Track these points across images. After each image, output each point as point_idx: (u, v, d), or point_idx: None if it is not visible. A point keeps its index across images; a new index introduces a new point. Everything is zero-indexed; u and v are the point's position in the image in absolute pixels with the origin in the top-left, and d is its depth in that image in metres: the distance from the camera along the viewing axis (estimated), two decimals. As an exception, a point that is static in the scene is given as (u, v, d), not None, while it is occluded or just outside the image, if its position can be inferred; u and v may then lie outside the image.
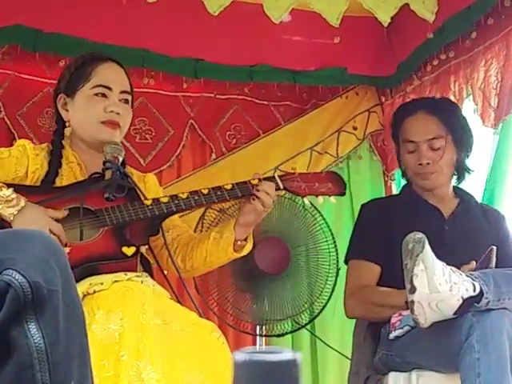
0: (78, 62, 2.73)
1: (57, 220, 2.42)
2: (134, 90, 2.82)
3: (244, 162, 4.15)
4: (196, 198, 2.61)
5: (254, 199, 2.62)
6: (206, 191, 2.63)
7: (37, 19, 3.69)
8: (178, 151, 4.11)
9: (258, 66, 4.17)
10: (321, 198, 2.77)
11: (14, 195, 2.33)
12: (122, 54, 3.58)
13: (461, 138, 3.08)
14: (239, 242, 2.68)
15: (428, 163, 3.02)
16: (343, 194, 2.80)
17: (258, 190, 2.62)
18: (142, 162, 3.98)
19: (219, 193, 2.64)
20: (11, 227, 2.31)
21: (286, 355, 0.97)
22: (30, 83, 3.85)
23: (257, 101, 4.29)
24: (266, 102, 4.30)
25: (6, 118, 3.77)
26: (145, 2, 3.32)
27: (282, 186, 2.70)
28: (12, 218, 2.30)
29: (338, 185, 2.77)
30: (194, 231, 3.32)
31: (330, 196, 2.76)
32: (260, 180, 2.67)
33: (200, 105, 4.18)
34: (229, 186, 2.65)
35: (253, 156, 4.18)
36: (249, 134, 4.25)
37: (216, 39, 4.00)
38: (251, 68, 4.18)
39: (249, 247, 2.72)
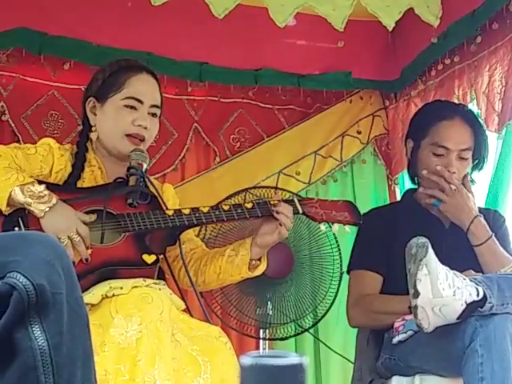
0: (112, 67, 2.72)
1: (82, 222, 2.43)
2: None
3: (248, 165, 4.15)
4: (217, 213, 2.62)
5: (281, 225, 2.63)
6: (226, 207, 2.65)
7: (42, 22, 3.70)
8: (182, 154, 4.11)
9: (262, 69, 4.17)
10: (336, 226, 2.79)
11: (46, 191, 2.34)
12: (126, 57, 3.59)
13: (480, 155, 3.06)
14: (253, 262, 2.69)
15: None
16: (358, 225, 2.85)
17: (277, 213, 2.63)
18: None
19: (240, 210, 2.65)
20: (38, 222, 2.32)
21: (293, 359, 0.97)
22: (35, 86, 3.85)
23: (261, 104, 4.29)
24: (270, 106, 4.31)
25: (10, 120, 3.78)
26: (149, 5, 3.32)
27: (301, 211, 2.72)
28: (42, 215, 2.31)
29: (354, 215, 2.80)
30: (198, 235, 3.32)
31: (345, 225, 2.79)
32: (279, 201, 2.68)
33: (204, 108, 4.18)
34: (249, 205, 2.67)
35: (257, 160, 4.18)
36: (253, 138, 4.25)
37: (220, 43, 4.01)
38: (256, 72, 4.18)
39: (262, 267, 2.73)
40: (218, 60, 4.08)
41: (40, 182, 2.38)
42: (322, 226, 2.88)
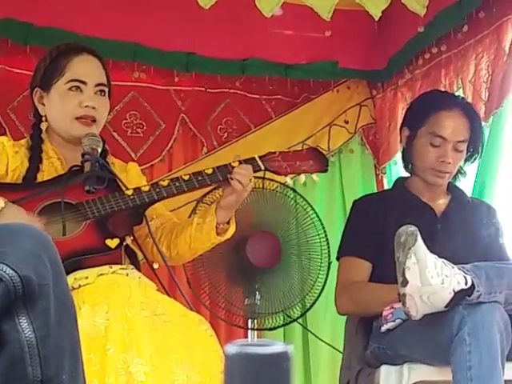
0: (52, 54, 2.69)
1: (39, 215, 2.41)
2: (126, 83, 2.81)
3: (235, 155, 4.14)
4: (177, 184, 2.59)
5: (231, 178, 2.60)
6: (187, 177, 2.61)
7: (28, 13, 3.68)
8: (170, 145, 4.11)
9: (249, 59, 4.17)
10: (303, 177, 2.76)
11: None
12: (114, 48, 3.59)
13: (475, 148, 3.06)
14: (222, 226, 2.65)
15: (449, 163, 3.00)
16: (325, 171, 2.78)
17: (232, 179, 2.60)
18: (133, 155, 3.97)
19: (200, 178, 2.62)
20: None
21: (278, 348, 0.96)
22: (21, 77, 3.82)
23: (248, 95, 4.28)
24: (257, 96, 4.30)
25: (-4, 112, 3.77)
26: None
27: (262, 167, 2.69)
28: None
29: (320, 161, 2.75)
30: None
31: (312, 173, 2.75)
32: (241, 162, 2.67)
33: (191, 99, 4.18)
34: (210, 171, 2.63)
35: (244, 150, 4.16)
36: (240, 128, 4.25)
37: (207, 33, 4.00)
38: (243, 62, 4.17)
39: (231, 230, 2.69)
40: (204, 50, 4.07)
41: None
42: (288, 179, 2.83)
